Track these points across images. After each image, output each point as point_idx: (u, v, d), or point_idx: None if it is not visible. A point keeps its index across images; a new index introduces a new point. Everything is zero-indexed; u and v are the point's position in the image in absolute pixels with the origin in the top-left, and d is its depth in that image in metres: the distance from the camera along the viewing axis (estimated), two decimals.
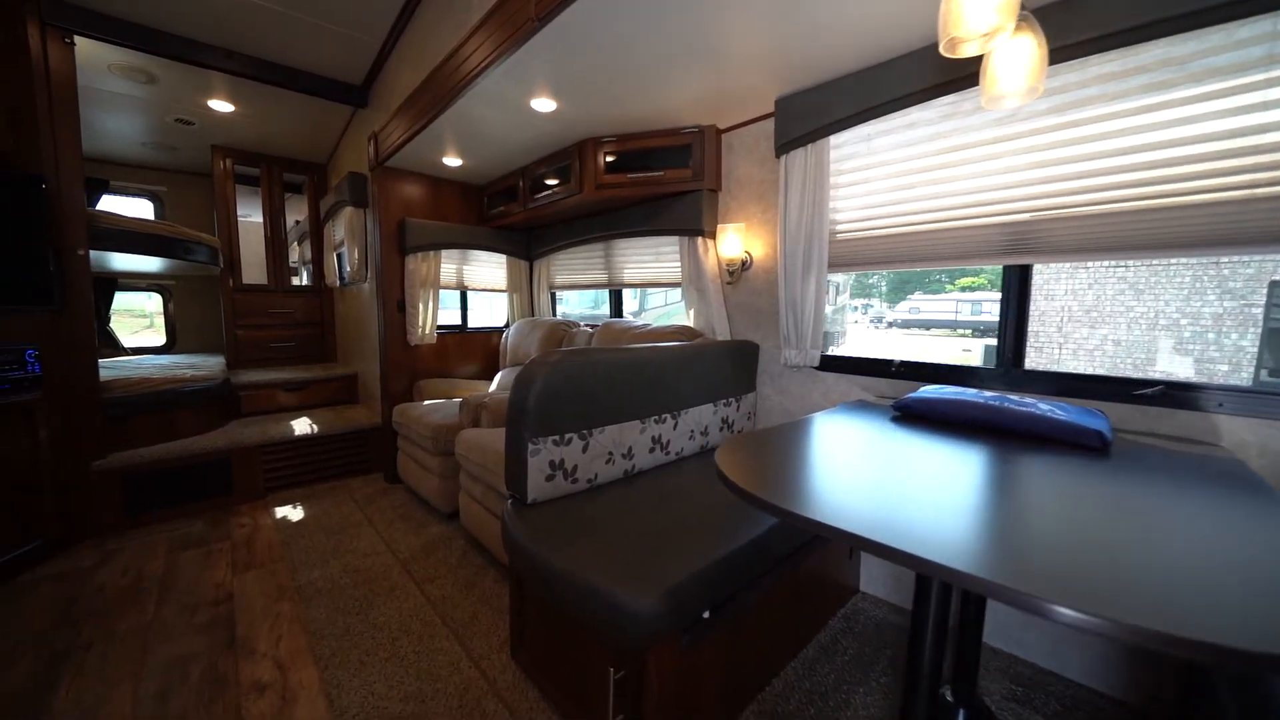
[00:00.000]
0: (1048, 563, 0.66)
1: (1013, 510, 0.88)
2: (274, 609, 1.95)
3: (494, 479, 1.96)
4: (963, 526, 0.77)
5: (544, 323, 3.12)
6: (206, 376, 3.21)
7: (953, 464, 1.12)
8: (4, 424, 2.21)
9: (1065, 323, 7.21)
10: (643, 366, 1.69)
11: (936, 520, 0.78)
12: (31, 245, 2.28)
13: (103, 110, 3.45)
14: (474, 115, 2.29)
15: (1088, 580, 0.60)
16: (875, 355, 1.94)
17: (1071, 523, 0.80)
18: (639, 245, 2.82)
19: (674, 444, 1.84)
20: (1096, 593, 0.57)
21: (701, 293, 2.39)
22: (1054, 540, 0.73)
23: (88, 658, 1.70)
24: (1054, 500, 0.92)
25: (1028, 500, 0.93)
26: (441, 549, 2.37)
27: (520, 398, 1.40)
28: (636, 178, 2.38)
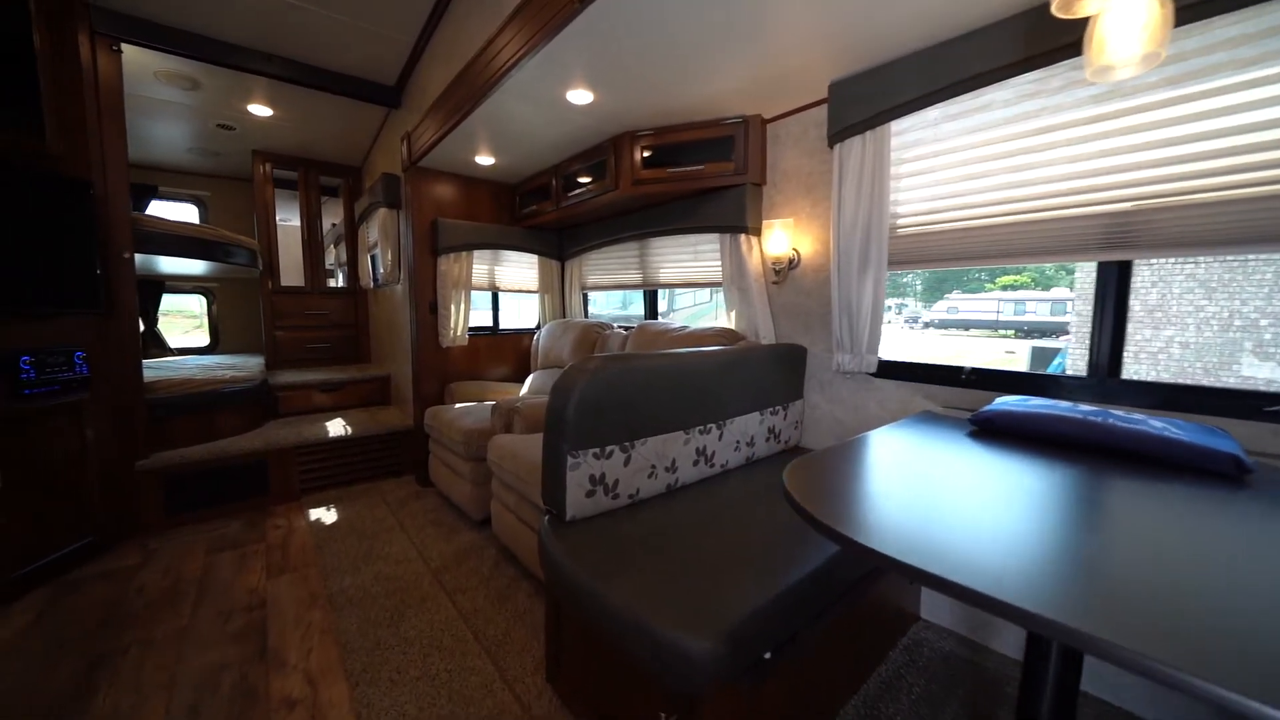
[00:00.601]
0: (1191, 625, 0.53)
1: (1135, 552, 0.73)
2: (305, 617, 1.91)
3: (528, 489, 1.88)
4: (1078, 572, 0.65)
5: (576, 324, 3.03)
6: (245, 377, 3.25)
7: (1052, 490, 0.97)
8: (54, 424, 2.25)
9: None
10: (687, 373, 1.57)
11: (1045, 562, 0.67)
12: (80, 249, 2.32)
13: (150, 118, 3.55)
14: (507, 111, 2.22)
15: (1237, 650, 0.47)
16: (940, 361, 1.77)
17: (1212, 570, 0.65)
18: (676, 244, 2.70)
19: (719, 456, 1.72)
20: (1247, 667, 0.45)
21: (744, 293, 2.26)
22: (1194, 595, 0.59)
23: (125, 663, 1.69)
24: (1182, 540, 0.77)
25: (1150, 539, 0.78)
26: (473, 558, 2.30)
27: (558, 407, 1.30)
28: (675, 172, 2.26)
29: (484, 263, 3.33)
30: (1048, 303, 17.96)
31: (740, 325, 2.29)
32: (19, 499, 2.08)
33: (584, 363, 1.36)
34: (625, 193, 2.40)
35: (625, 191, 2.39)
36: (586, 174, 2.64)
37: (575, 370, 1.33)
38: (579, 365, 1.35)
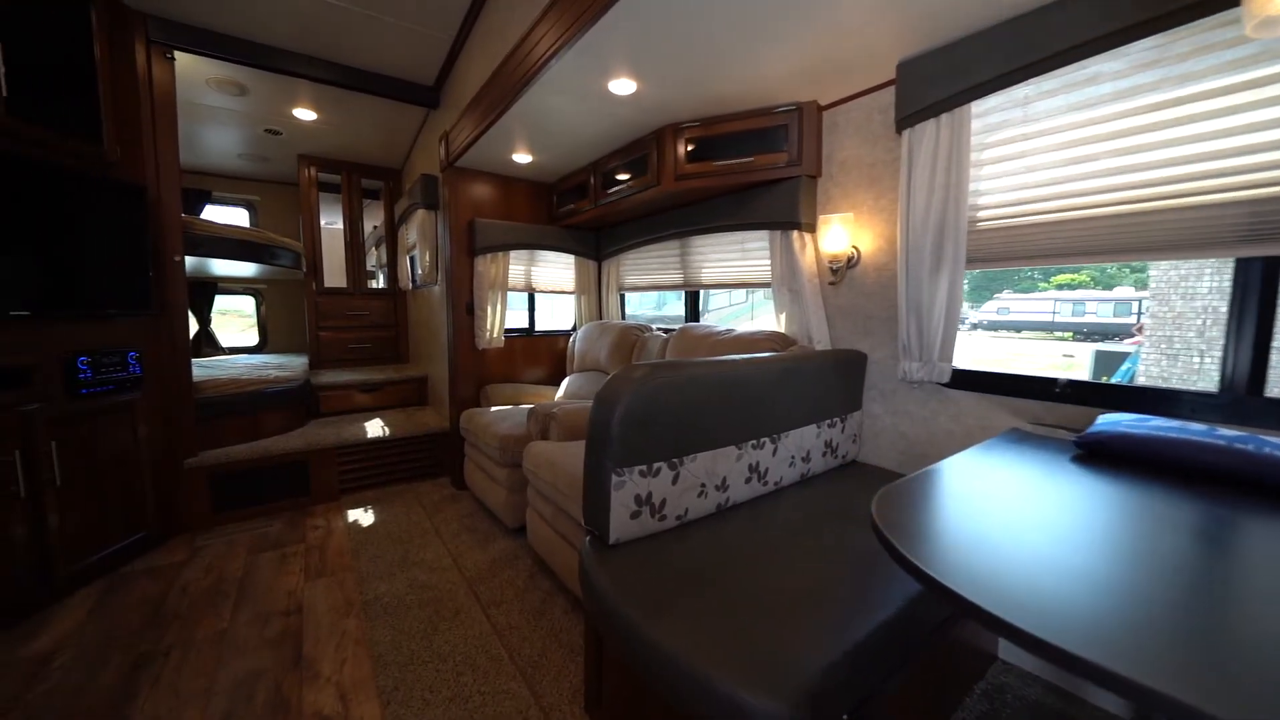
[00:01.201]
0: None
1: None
2: (340, 625, 1.88)
3: (565, 501, 1.78)
4: (1212, 637, 0.53)
5: (613, 326, 2.93)
6: (289, 378, 3.30)
7: (1181, 531, 0.79)
8: (109, 422, 2.30)
9: (1209, 327, 6.13)
10: (740, 382, 1.43)
11: (1169, 621, 0.56)
12: (134, 252, 2.37)
13: (204, 125, 3.66)
14: (545, 106, 2.13)
15: None
16: (1028, 371, 1.57)
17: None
18: (721, 242, 2.56)
19: (772, 472, 1.58)
20: None
21: (796, 294, 2.10)
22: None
23: (166, 666, 1.68)
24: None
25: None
26: (508, 568, 2.23)
27: (602, 420, 1.19)
28: (722, 165, 2.12)
29: (520, 263, 3.28)
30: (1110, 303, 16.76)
31: (791, 329, 2.14)
32: (77, 495, 2.13)
33: (629, 371, 1.24)
34: (667, 188, 2.27)
35: (667, 187, 2.27)
36: (626, 170, 2.53)
37: (620, 380, 1.22)
38: (624, 374, 1.23)
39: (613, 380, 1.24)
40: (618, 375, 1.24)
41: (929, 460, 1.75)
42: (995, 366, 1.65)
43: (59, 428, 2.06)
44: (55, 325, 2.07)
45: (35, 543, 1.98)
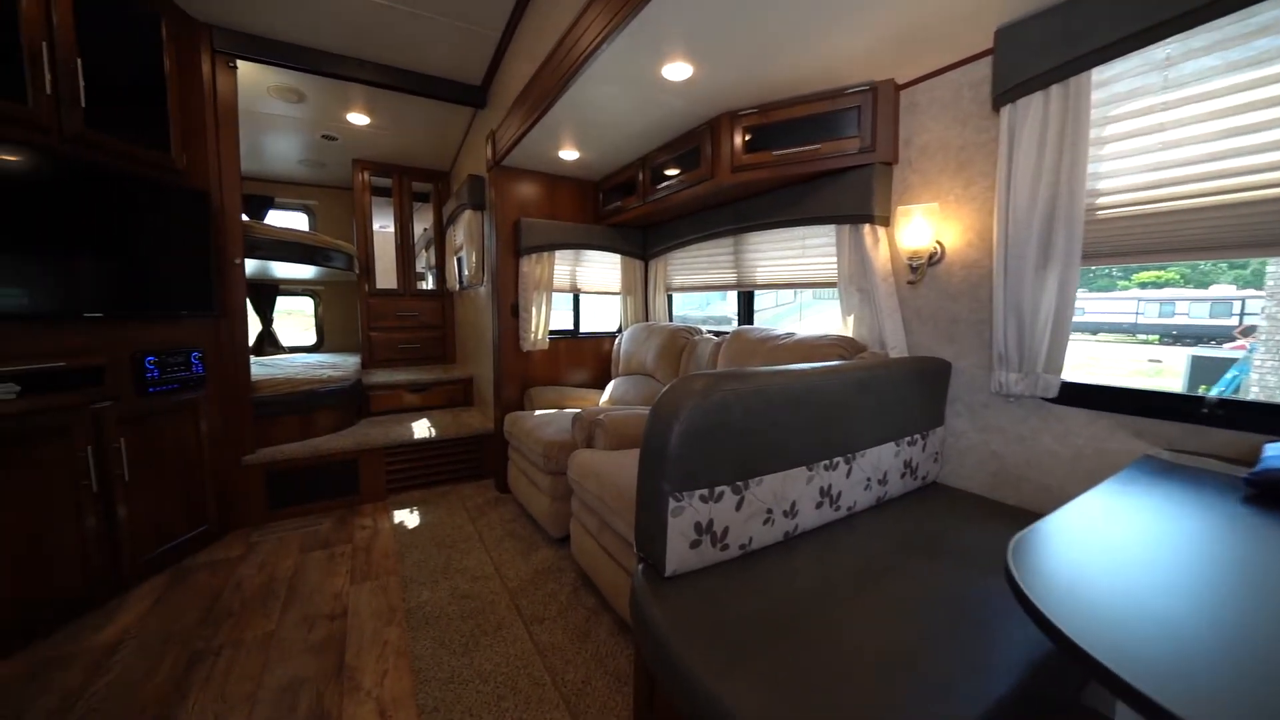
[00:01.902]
0: None
1: None
2: (383, 634, 1.83)
3: (612, 516, 1.67)
4: None
5: (661, 329, 2.80)
6: (342, 378, 3.36)
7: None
8: (174, 420, 2.38)
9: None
10: (813, 394, 1.27)
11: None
12: (198, 255, 2.44)
13: (267, 133, 3.80)
14: (593, 98, 2.03)
15: None
16: (1157, 387, 1.32)
17: None
18: (779, 238, 2.38)
19: (846, 496, 1.40)
20: None
21: (866, 295, 1.90)
22: None
23: (216, 666, 1.69)
24: None
25: None
26: (551, 580, 2.14)
27: (659, 437, 1.06)
28: (784, 155, 1.95)
29: (565, 263, 3.20)
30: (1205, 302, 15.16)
31: (860, 333, 1.94)
32: (143, 490, 2.20)
33: (689, 382, 1.11)
34: (722, 181, 2.12)
35: (722, 180, 2.11)
36: (676, 164, 2.40)
37: (679, 392, 1.09)
38: (683, 385, 1.10)
39: (670, 392, 1.11)
40: (676, 386, 1.11)
41: (1027, 485, 1.52)
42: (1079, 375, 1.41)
43: (127, 425, 2.13)
44: (125, 326, 2.15)
45: (106, 535, 2.05)
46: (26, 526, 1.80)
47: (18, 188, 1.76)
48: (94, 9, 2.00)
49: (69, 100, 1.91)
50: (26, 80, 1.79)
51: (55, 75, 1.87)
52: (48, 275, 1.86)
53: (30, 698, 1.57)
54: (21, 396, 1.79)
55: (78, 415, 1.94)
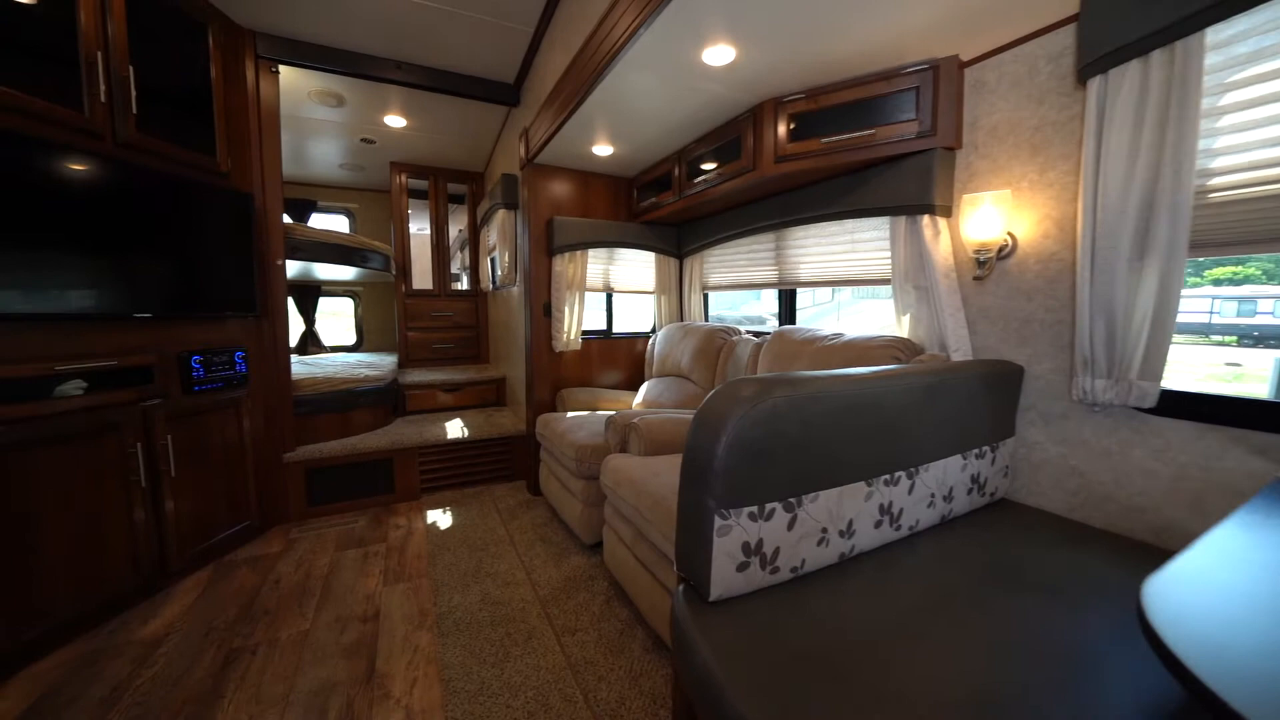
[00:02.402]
0: None
1: None
2: (413, 639, 1.80)
3: (648, 527, 1.58)
4: None
5: (697, 329, 2.70)
6: (379, 377, 3.39)
7: None
8: (218, 417, 2.43)
9: None
10: (874, 401, 1.15)
11: None
12: (242, 257, 2.49)
13: (309, 138, 3.89)
14: (628, 89, 1.95)
15: None
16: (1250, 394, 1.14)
17: None
18: (825, 232, 2.24)
19: (907, 514, 1.27)
20: None
21: (924, 292, 1.75)
22: None
23: (252, 666, 1.69)
24: None
25: None
26: (583, 589, 2.07)
27: (703, 449, 0.96)
28: (833, 142, 1.81)
29: (599, 262, 3.14)
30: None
31: (916, 333, 1.79)
32: (189, 485, 2.26)
33: (736, 388, 1.01)
34: (765, 173, 2.00)
35: (765, 172, 2.00)
36: (715, 157, 2.29)
37: (726, 399, 0.99)
38: (730, 392, 1.00)
39: (716, 399, 1.01)
40: (722, 393, 1.01)
41: (1113, 505, 1.35)
42: None
43: (174, 422, 2.18)
44: (172, 326, 2.20)
45: (155, 529, 2.11)
46: (84, 520, 1.86)
47: (74, 192, 1.81)
48: (145, 19, 2.06)
49: (121, 107, 1.96)
50: (83, 89, 1.85)
51: (109, 84, 1.92)
52: (103, 276, 1.91)
53: (84, 684, 1.61)
54: (86, 393, 1.86)
55: (128, 412, 2.00)
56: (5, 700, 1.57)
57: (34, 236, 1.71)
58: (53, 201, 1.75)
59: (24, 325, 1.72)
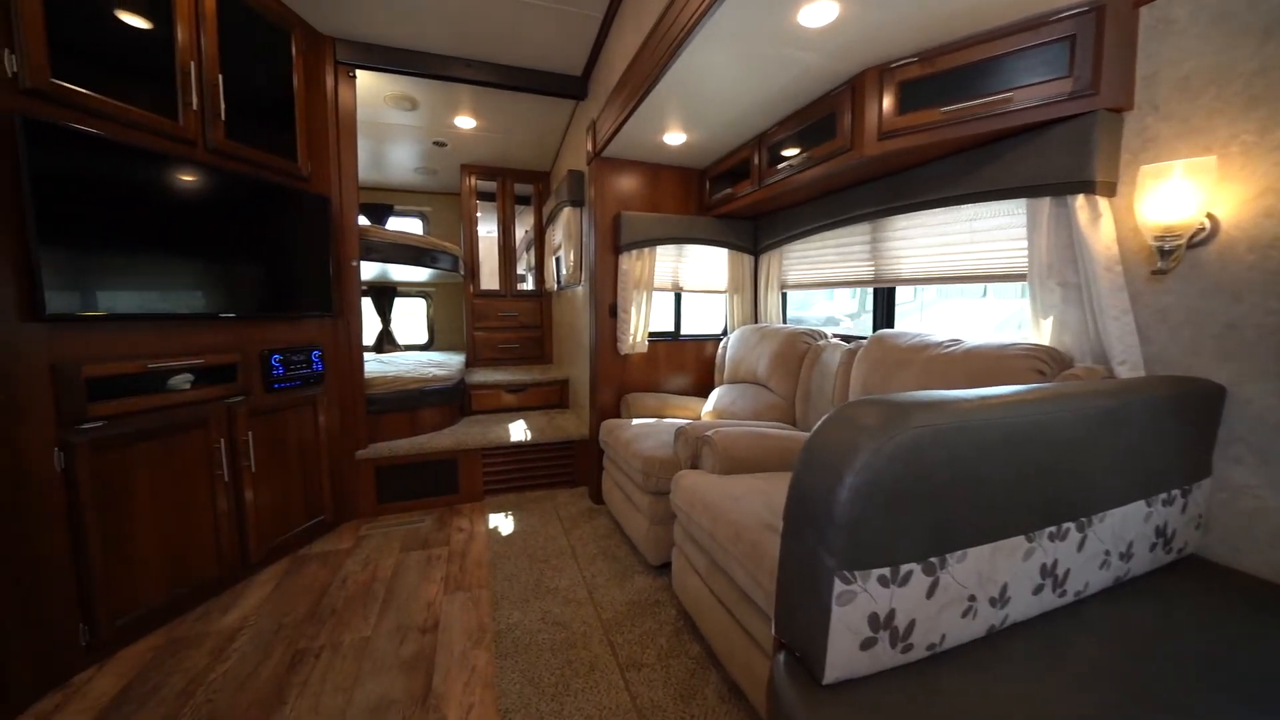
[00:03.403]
0: None
1: None
2: (470, 658, 1.71)
3: (726, 559, 1.38)
4: None
5: (776, 331, 2.45)
6: (446, 377, 3.41)
7: None
8: (296, 414, 2.49)
9: None
10: (1039, 431, 0.88)
11: None
12: (320, 258, 2.55)
13: (386, 143, 4.01)
14: (705, 67, 1.75)
15: None
16: None
17: None
18: (936, 221, 1.92)
19: (1074, 576, 0.98)
20: None
21: (1072, 290, 1.42)
22: None
23: (314, 671, 1.66)
24: None
25: None
26: (648, 616, 1.89)
27: (819, 491, 0.75)
28: (956, 111, 1.52)
29: (667, 259, 2.96)
30: None
31: (1063, 340, 1.46)
32: (268, 480, 2.32)
33: (860, 413, 0.78)
34: (866, 154, 1.73)
35: (866, 152, 1.73)
36: (801, 140, 2.04)
37: (850, 425, 0.77)
38: (853, 417, 0.78)
39: (834, 427, 0.79)
40: (841, 420, 0.79)
41: None
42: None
43: (255, 419, 2.24)
44: (254, 325, 2.26)
45: (236, 523, 2.17)
46: (174, 513, 1.93)
47: (169, 197, 1.88)
48: (234, 28, 2.12)
49: (211, 114, 2.02)
50: (177, 98, 1.92)
51: (201, 92, 1.98)
52: (194, 278, 1.98)
53: (166, 674, 1.65)
54: (183, 389, 1.94)
55: (214, 409, 2.06)
56: (104, 680, 1.64)
57: (134, 240, 1.78)
58: (149, 206, 1.82)
59: (126, 324, 1.79)
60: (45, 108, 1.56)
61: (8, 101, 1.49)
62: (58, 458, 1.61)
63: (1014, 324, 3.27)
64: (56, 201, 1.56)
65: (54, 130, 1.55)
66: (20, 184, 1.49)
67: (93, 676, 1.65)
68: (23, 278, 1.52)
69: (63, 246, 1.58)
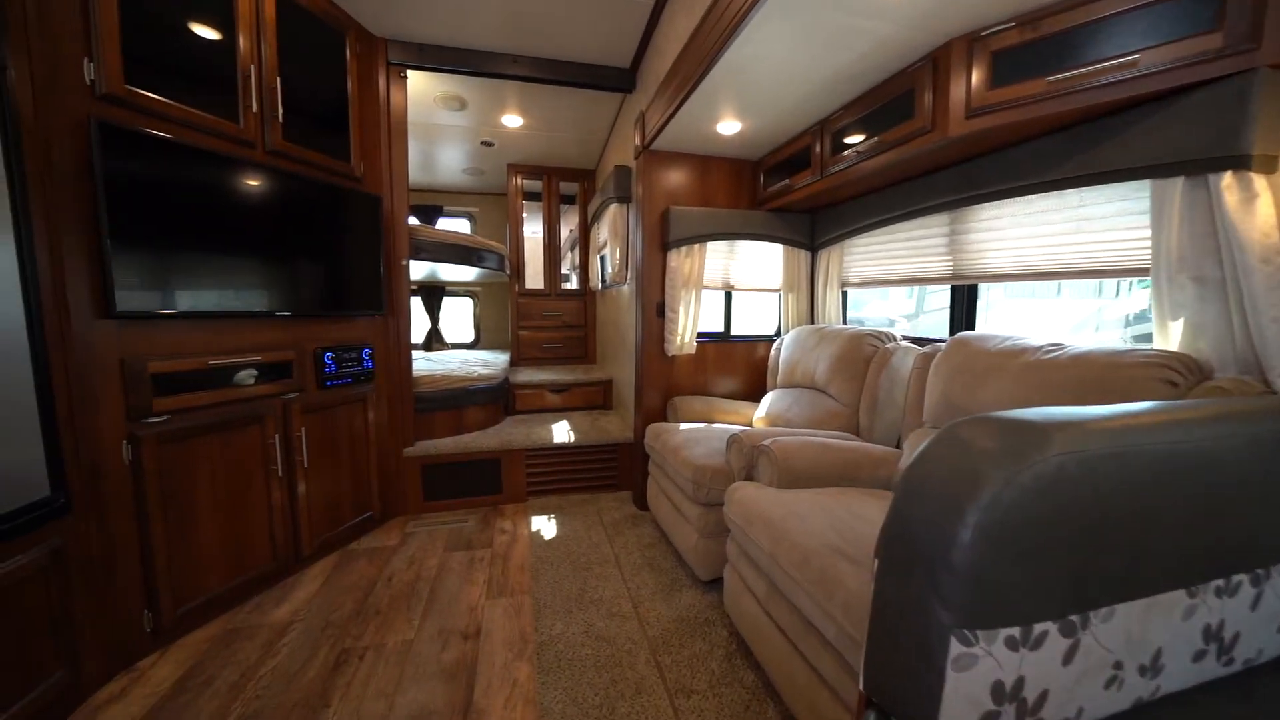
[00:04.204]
0: None
1: None
2: (512, 671, 1.64)
3: (791, 587, 1.24)
4: None
5: (837, 333, 2.27)
6: (491, 376, 3.41)
7: None
8: (347, 411, 2.52)
9: None
10: (1204, 461, 0.71)
11: None
12: (371, 257, 2.57)
13: (436, 144, 4.07)
14: (763, 48, 1.61)
15: None
16: None
17: None
18: (1032, 210, 1.69)
19: (1244, 641, 0.79)
20: None
21: (1209, 286, 1.19)
22: None
23: (358, 674, 1.64)
24: None
25: None
26: (698, 637, 1.77)
27: (929, 528, 0.62)
28: (1064, 80, 1.32)
29: (718, 256, 2.82)
30: None
31: (1198, 346, 1.23)
32: (319, 476, 2.36)
33: (983, 431, 0.64)
34: (950, 134, 1.54)
35: (951, 132, 1.54)
36: (869, 124, 1.86)
37: (967, 450, 0.63)
38: (972, 439, 0.64)
39: (944, 449, 0.65)
40: (953, 440, 0.65)
41: None
42: None
43: (308, 415, 2.28)
44: (308, 323, 2.30)
45: (290, 517, 2.21)
46: (232, 507, 1.98)
47: (230, 198, 1.92)
48: (292, 32, 2.15)
49: (270, 117, 2.06)
50: (238, 101, 1.96)
51: (260, 95, 2.02)
52: (253, 277, 2.02)
53: (220, 665, 1.68)
54: (244, 384, 1.98)
55: (270, 405, 2.10)
56: (164, 667, 1.68)
57: (196, 240, 1.83)
58: (211, 207, 1.86)
59: (189, 322, 1.84)
60: (118, 112, 1.61)
61: (85, 106, 1.54)
62: (126, 450, 1.66)
63: (1090, 326, 2.93)
64: (125, 202, 1.60)
65: (125, 134, 1.59)
66: (94, 186, 1.54)
67: (155, 662, 1.70)
68: (95, 276, 1.57)
69: (131, 246, 1.62)
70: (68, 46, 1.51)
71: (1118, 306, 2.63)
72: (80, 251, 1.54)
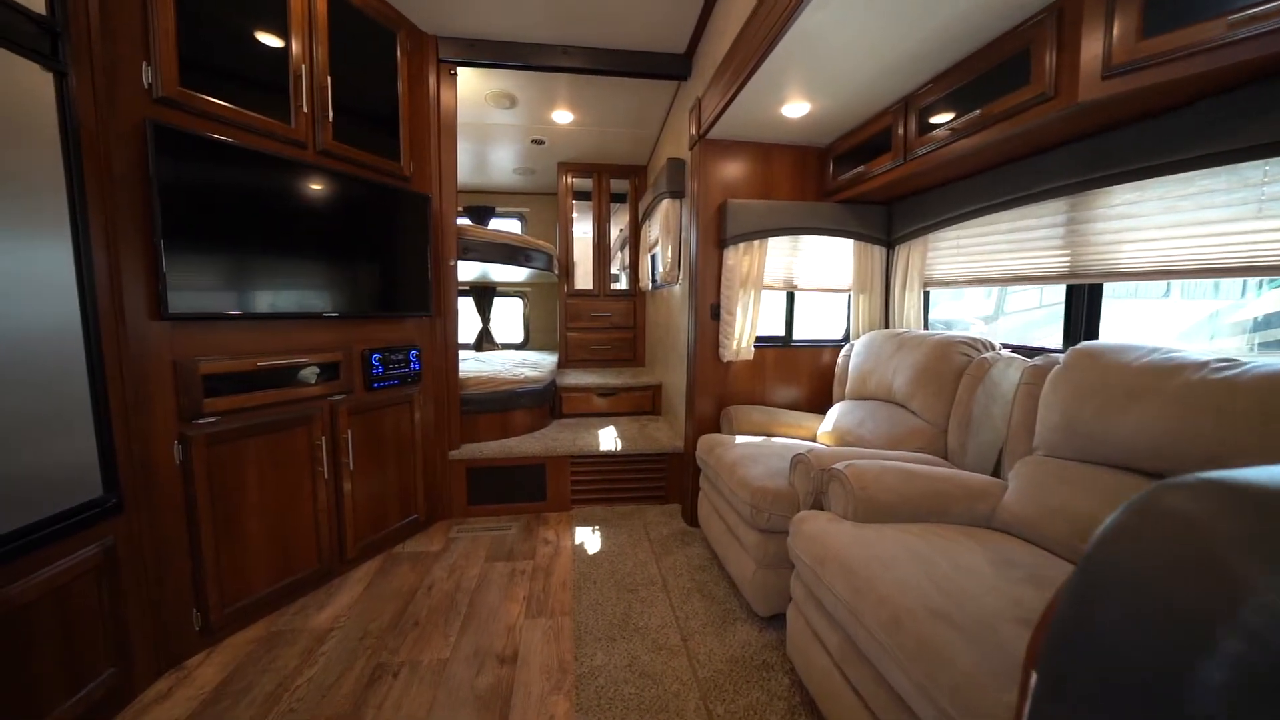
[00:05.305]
0: None
1: None
2: (549, 706, 1.51)
3: (878, 653, 1.02)
4: None
5: (921, 339, 1.99)
6: (538, 378, 3.33)
7: None
8: (393, 413, 2.50)
9: None
10: None
11: None
12: (419, 257, 2.54)
13: (488, 144, 4.06)
14: (840, 10, 1.39)
15: None
16: None
17: None
18: (1186, 193, 1.36)
19: None
20: None
21: None
22: None
23: (391, 693, 1.57)
24: None
25: None
26: (755, 684, 1.57)
27: (1148, 651, 0.40)
28: (1258, 14, 1.02)
29: (780, 253, 2.59)
30: None
31: None
32: (365, 478, 2.34)
33: (1218, 500, 0.41)
34: (1081, 99, 1.26)
35: (1082, 97, 1.26)
36: (966, 97, 1.59)
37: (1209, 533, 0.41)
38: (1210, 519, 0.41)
39: (1150, 523, 0.43)
40: (1163, 511, 0.43)
41: None
42: None
43: (355, 417, 2.26)
44: (356, 324, 2.28)
45: (335, 520, 2.20)
46: (279, 509, 1.97)
47: (283, 199, 1.91)
48: (343, 32, 2.13)
49: (321, 117, 2.05)
50: (290, 101, 1.95)
51: (311, 96, 2.01)
52: (304, 278, 2.01)
53: (260, 671, 1.66)
54: (296, 386, 1.98)
55: (318, 406, 2.09)
56: (209, 668, 1.68)
57: (247, 241, 1.82)
58: (261, 208, 1.85)
59: (239, 324, 1.84)
60: (172, 114, 1.62)
61: (142, 109, 1.55)
62: (177, 450, 1.67)
63: (1205, 334, 2.43)
64: (178, 204, 1.60)
65: (179, 136, 1.60)
66: (149, 188, 1.55)
67: (201, 662, 1.70)
68: (150, 278, 1.58)
69: (183, 248, 1.62)
70: (127, 50, 1.52)
71: (1242, 309, 2.15)
72: (135, 253, 1.55)
